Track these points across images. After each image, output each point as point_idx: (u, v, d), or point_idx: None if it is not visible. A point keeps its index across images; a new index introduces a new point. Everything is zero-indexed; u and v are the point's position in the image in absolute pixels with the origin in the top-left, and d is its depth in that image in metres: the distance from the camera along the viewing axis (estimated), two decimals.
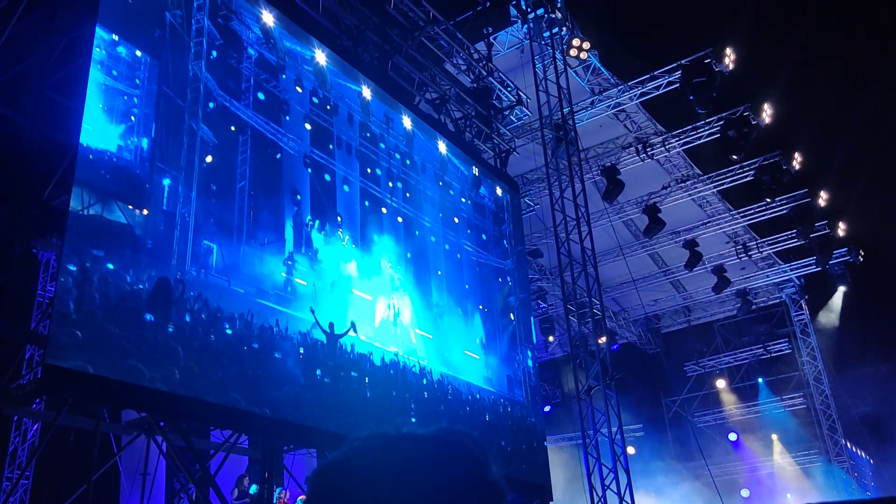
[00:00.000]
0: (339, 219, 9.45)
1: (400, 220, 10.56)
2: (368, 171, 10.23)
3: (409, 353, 9.89)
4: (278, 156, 8.82)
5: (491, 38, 13.61)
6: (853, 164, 19.73)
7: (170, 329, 6.76)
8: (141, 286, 6.62)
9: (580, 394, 11.37)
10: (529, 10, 13.07)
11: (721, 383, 21.02)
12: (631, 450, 17.33)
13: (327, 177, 9.48)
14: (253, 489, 8.98)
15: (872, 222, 18.88)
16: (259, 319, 7.71)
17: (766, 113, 13.94)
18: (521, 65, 13.74)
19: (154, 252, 6.89)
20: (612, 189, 14.80)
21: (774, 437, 20.53)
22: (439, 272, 11.14)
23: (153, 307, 6.67)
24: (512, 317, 12.36)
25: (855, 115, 19.56)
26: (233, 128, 8.21)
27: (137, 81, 6.95)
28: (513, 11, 13.22)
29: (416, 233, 10.85)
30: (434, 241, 11.24)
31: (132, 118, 6.90)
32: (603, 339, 11.71)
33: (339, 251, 9.36)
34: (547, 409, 18.57)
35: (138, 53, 7.02)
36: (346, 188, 9.75)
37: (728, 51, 13.14)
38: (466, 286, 11.62)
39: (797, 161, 15.02)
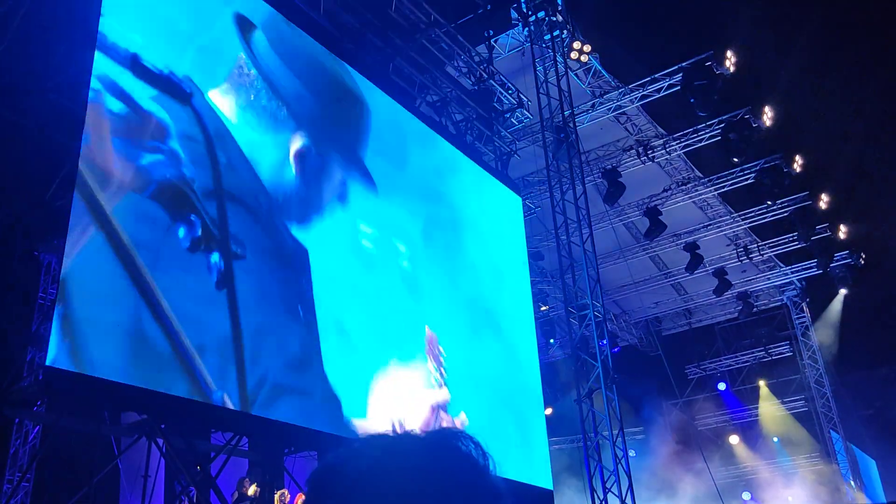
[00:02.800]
0: None
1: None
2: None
3: None
4: None
5: (492, 41, 13.62)
6: (854, 167, 19.74)
7: None
8: None
9: (581, 396, 11.36)
10: (530, 13, 13.08)
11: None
12: (632, 452, 17.31)
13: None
14: (252, 491, 8.98)
15: (874, 225, 18.88)
16: None
17: (767, 116, 13.95)
18: (521, 67, 13.75)
19: None
20: (613, 191, 14.81)
21: (776, 439, 20.52)
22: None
23: None
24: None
25: (856, 117, 19.57)
26: None
27: None
28: (514, 14, 13.23)
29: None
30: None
31: None
32: (604, 342, 11.71)
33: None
34: (548, 411, 18.55)
35: None
36: None
37: (729, 53, 13.15)
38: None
39: (798, 164, 15.02)
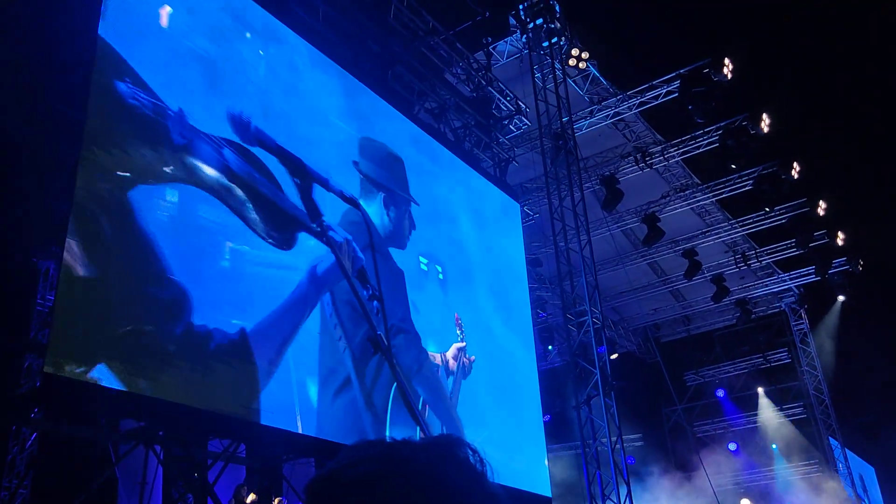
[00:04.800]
0: None
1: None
2: None
3: None
4: None
5: (490, 48, 13.66)
6: (852, 174, 19.80)
7: None
8: None
9: (579, 403, 11.35)
10: (528, 20, 13.13)
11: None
12: (631, 459, 17.29)
13: None
14: (250, 499, 8.95)
15: (871, 231, 18.91)
16: None
17: (765, 122, 13.97)
18: (520, 74, 13.79)
19: None
20: (612, 198, 14.81)
21: (775, 446, 20.50)
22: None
23: None
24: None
25: (853, 124, 19.63)
26: None
27: None
28: (512, 21, 13.27)
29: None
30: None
31: None
32: (602, 349, 11.70)
33: None
34: (546, 418, 18.54)
35: None
36: None
37: (726, 61, 13.17)
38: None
39: (795, 170, 15.03)
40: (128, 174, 5.68)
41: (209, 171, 5.94)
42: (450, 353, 9.82)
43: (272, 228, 6.37)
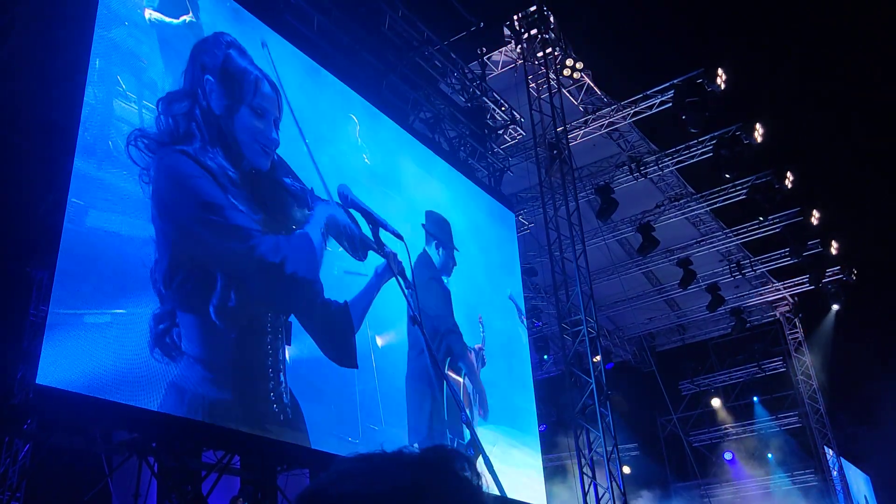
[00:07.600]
0: None
1: None
2: None
3: None
4: None
5: (485, 58, 13.71)
6: (845, 183, 19.89)
7: None
8: None
9: (575, 413, 11.33)
10: (523, 30, 13.18)
11: (716, 402, 21.01)
12: (626, 469, 17.25)
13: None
14: None
15: (865, 240, 18.99)
16: None
17: (758, 132, 14.02)
18: (514, 84, 13.83)
19: None
20: (606, 208, 14.84)
21: (770, 455, 20.48)
22: None
23: None
24: None
25: (847, 133, 19.74)
26: None
27: None
28: (506, 32, 13.32)
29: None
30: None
31: None
32: (597, 358, 11.69)
33: None
34: (542, 428, 18.49)
35: None
36: None
37: (720, 71, 13.24)
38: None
39: (789, 179, 15.10)
40: (294, 227, 9.13)
41: (327, 221, 9.67)
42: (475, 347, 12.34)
43: (356, 250, 10.07)
